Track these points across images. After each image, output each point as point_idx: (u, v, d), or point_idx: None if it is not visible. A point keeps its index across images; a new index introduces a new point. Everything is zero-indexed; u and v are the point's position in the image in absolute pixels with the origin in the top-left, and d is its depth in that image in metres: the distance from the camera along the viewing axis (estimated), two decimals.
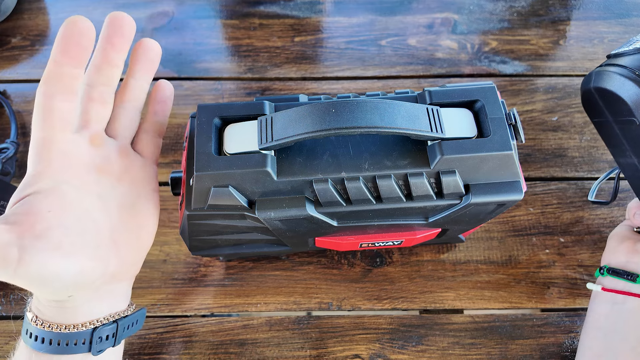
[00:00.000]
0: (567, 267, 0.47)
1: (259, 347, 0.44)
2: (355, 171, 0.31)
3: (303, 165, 0.32)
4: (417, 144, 0.32)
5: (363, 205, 0.33)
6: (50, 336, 0.30)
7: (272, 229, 0.35)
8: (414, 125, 0.30)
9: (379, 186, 0.32)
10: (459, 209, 0.33)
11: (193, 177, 0.31)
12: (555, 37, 0.61)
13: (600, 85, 0.36)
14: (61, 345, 0.30)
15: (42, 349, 0.30)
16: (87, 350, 0.31)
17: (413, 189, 0.32)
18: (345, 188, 0.32)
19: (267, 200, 0.32)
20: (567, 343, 0.44)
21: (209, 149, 0.31)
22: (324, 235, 0.39)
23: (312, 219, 0.33)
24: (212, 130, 0.32)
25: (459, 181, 0.32)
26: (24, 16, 0.63)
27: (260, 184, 0.31)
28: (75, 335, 0.31)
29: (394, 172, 0.31)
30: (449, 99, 0.33)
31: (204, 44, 0.61)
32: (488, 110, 0.32)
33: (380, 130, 0.29)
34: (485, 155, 0.31)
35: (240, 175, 0.31)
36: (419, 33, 0.62)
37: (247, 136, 0.32)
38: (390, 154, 0.32)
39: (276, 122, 0.31)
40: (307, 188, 0.32)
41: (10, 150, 0.51)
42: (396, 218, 0.35)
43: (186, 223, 0.34)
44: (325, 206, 0.33)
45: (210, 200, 0.32)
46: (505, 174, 0.32)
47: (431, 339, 0.45)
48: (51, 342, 0.30)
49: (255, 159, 0.31)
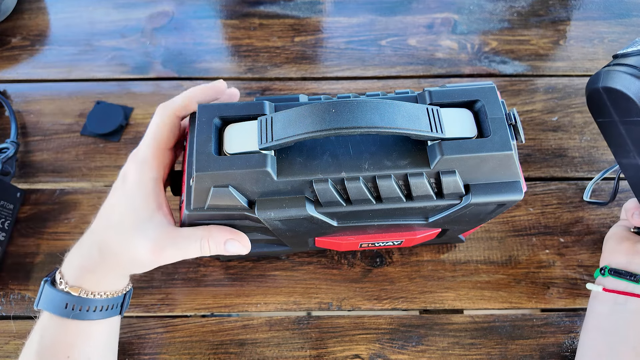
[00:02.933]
0: (567, 267, 0.47)
1: (258, 347, 0.44)
2: (355, 171, 0.31)
3: (303, 166, 0.32)
4: (417, 144, 0.32)
5: (363, 205, 0.33)
6: (104, 303, 0.36)
7: (272, 229, 0.34)
8: (414, 125, 0.30)
9: (379, 186, 0.32)
10: (459, 209, 0.33)
11: (193, 178, 0.31)
12: (555, 37, 0.61)
13: (609, 85, 0.36)
14: (110, 309, 0.37)
15: (97, 316, 0.36)
16: (118, 312, 0.38)
17: (413, 189, 0.32)
18: (345, 188, 0.32)
19: (267, 200, 0.32)
20: (567, 343, 0.44)
21: (209, 149, 0.31)
22: (324, 235, 0.39)
23: (312, 219, 0.33)
24: (212, 130, 0.32)
25: (459, 181, 0.32)
26: (24, 16, 0.63)
27: (260, 184, 0.31)
28: (115, 300, 0.37)
29: (394, 172, 0.31)
30: (449, 99, 0.33)
31: (204, 44, 0.61)
32: (488, 111, 0.32)
33: (380, 130, 0.29)
34: (485, 155, 0.31)
35: (241, 175, 0.31)
36: (419, 33, 0.62)
37: (247, 136, 0.32)
38: (390, 154, 0.32)
39: (276, 122, 0.31)
40: (307, 188, 0.32)
41: (10, 150, 0.51)
42: (396, 218, 0.35)
43: (186, 223, 0.34)
44: (325, 206, 0.33)
45: (210, 201, 0.32)
46: (505, 174, 0.32)
47: (431, 339, 0.45)
48: (104, 308, 0.36)
49: (255, 159, 0.31)
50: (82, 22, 0.63)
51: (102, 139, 0.54)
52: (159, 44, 0.61)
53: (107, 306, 0.36)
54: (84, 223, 0.50)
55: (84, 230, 0.37)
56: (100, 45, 0.61)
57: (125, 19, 0.63)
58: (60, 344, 0.35)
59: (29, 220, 0.50)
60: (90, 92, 0.58)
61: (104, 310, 0.36)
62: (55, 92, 0.58)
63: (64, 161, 0.53)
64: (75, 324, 0.35)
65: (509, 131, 0.32)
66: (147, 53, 0.61)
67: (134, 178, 0.35)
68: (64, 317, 0.35)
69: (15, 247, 0.49)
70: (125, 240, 0.34)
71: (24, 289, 0.47)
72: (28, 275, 0.47)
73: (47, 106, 0.57)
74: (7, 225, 0.49)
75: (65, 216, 0.50)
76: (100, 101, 0.57)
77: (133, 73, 0.59)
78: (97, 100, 0.57)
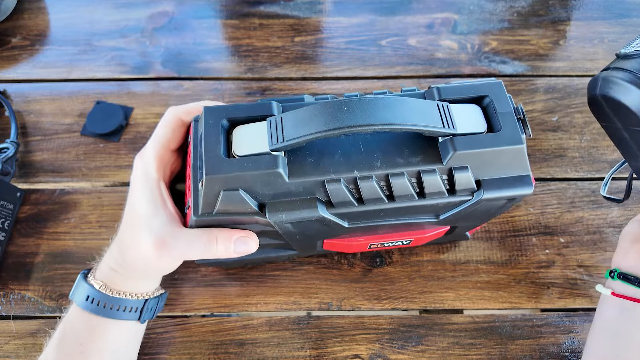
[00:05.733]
0: (567, 267, 0.47)
1: (258, 347, 0.44)
2: (367, 170, 0.31)
3: (314, 166, 0.31)
4: (429, 140, 0.32)
5: (375, 205, 0.32)
6: (135, 304, 0.38)
7: (282, 232, 0.34)
8: (426, 121, 0.30)
9: (392, 184, 0.31)
10: (471, 205, 0.33)
11: (202, 181, 0.30)
12: (555, 37, 0.61)
13: (606, 94, 0.34)
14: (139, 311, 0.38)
15: (126, 317, 0.37)
16: (137, 318, 0.38)
17: (426, 186, 0.32)
18: (357, 187, 0.31)
19: (278, 202, 0.31)
20: (567, 343, 0.44)
21: (218, 151, 0.30)
22: (334, 237, 0.38)
23: (323, 220, 0.32)
24: (220, 132, 0.31)
25: (471, 177, 0.32)
26: (24, 16, 0.63)
27: (272, 186, 0.31)
28: (133, 303, 0.38)
29: (406, 169, 0.31)
30: (457, 95, 0.33)
31: (204, 44, 0.61)
32: (497, 106, 0.32)
33: (394, 127, 0.29)
34: (498, 149, 0.31)
35: (251, 177, 0.30)
36: (419, 33, 0.62)
37: (256, 137, 0.31)
38: (402, 152, 0.32)
39: (287, 122, 0.30)
40: (319, 189, 0.31)
41: (10, 150, 0.51)
42: (407, 217, 0.35)
43: None
44: (337, 207, 0.32)
45: (219, 205, 0.31)
46: (516, 168, 0.32)
47: (431, 339, 0.45)
48: (132, 309, 0.38)
49: (266, 160, 0.30)
50: (82, 22, 0.63)
51: (102, 139, 0.54)
52: (159, 44, 0.61)
53: (126, 307, 0.37)
54: (84, 223, 0.50)
55: (84, 230, 0.38)
56: (100, 45, 0.61)
57: (125, 19, 0.63)
58: (78, 336, 0.37)
59: (29, 220, 0.50)
60: (90, 92, 0.58)
61: (121, 310, 0.37)
62: (55, 92, 0.58)
63: (64, 161, 0.53)
64: (96, 320, 0.37)
65: (518, 125, 0.32)
66: (147, 53, 0.61)
67: (139, 178, 0.36)
68: (85, 309, 0.36)
69: (15, 247, 0.49)
70: (133, 237, 0.35)
71: (24, 289, 0.47)
72: (28, 275, 0.47)
73: (47, 106, 0.57)
74: (7, 225, 0.49)
75: (65, 216, 0.50)
76: (100, 101, 0.57)
77: (133, 73, 0.59)
78: (97, 100, 0.57)
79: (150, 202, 0.35)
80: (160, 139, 0.36)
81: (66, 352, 0.36)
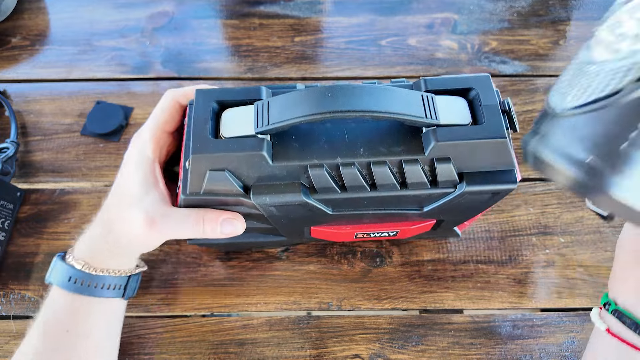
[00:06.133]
0: (567, 267, 0.47)
1: (258, 347, 0.44)
2: (350, 157, 0.31)
3: (299, 151, 0.32)
4: (412, 131, 0.32)
5: (358, 193, 0.33)
6: (118, 281, 0.38)
7: (268, 216, 0.35)
8: (408, 110, 0.30)
9: (374, 172, 0.32)
10: (453, 197, 0.33)
11: (189, 160, 0.31)
12: (555, 37, 0.61)
13: (539, 170, 0.29)
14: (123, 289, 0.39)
15: (111, 294, 0.38)
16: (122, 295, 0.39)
17: (407, 175, 0.32)
18: (340, 174, 0.32)
19: (263, 185, 0.32)
20: (567, 343, 0.44)
21: (205, 132, 0.31)
22: (320, 224, 0.39)
23: (307, 205, 0.33)
24: (210, 114, 0.32)
25: (453, 169, 0.32)
26: (24, 16, 0.63)
27: (256, 168, 0.31)
28: (117, 280, 0.38)
29: (388, 158, 0.31)
30: (443, 87, 0.33)
31: (204, 44, 0.61)
32: (482, 98, 0.32)
33: (375, 115, 0.29)
34: (479, 142, 0.31)
35: (236, 158, 0.31)
36: (419, 33, 0.62)
37: (243, 120, 0.32)
38: (385, 141, 0.32)
39: (273, 106, 0.31)
40: (303, 174, 0.32)
41: (10, 150, 0.51)
42: (391, 207, 0.35)
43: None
44: (320, 192, 0.33)
45: (206, 185, 0.32)
46: (500, 162, 0.32)
47: (431, 339, 0.45)
48: (116, 287, 0.38)
49: (252, 142, 0.31)
50: (82, 22, 0.63)
51: (102, 139, 0.54)
52: (159, 44, 0.61)
53: (110, 285, 0.37)
54: (84, 223, 0.49)
55: (84, 230, 0.38)
56: (100, 45, 0.61)
57: (125, 19, 0.63)
58: (62, 317, 0.37)
59: (29, 220, 0.50)
60: (90, 92, 0.58)
61: (105, 288, 0.37)
62: (55, 92, 0.58)
63: (64, 161, 0.53)
64: (79, 299, 0.36)
65: (502, 118, 0.32)
66: (147, 53, 0.61)
67: (134, 157, 0.37)
68: (67, 290, 0.36)
69: (15, 247, 0.49)
70: (122, 214, 0.35)
71: (24, 289, 0.47)
72: (28, 275, 0.47)
73: (47, 106, 0.57)
74: (7, 225, 0.49)
75: (65, 216, 0.50)
76: (100, 101, 0.57)
77: (133, 73, 0.59)
78: (97, 100, 0.57)
79: (142, 181, 0.35)
80: (158, 120, 0.37)
81: (51, 334, 0.36)
